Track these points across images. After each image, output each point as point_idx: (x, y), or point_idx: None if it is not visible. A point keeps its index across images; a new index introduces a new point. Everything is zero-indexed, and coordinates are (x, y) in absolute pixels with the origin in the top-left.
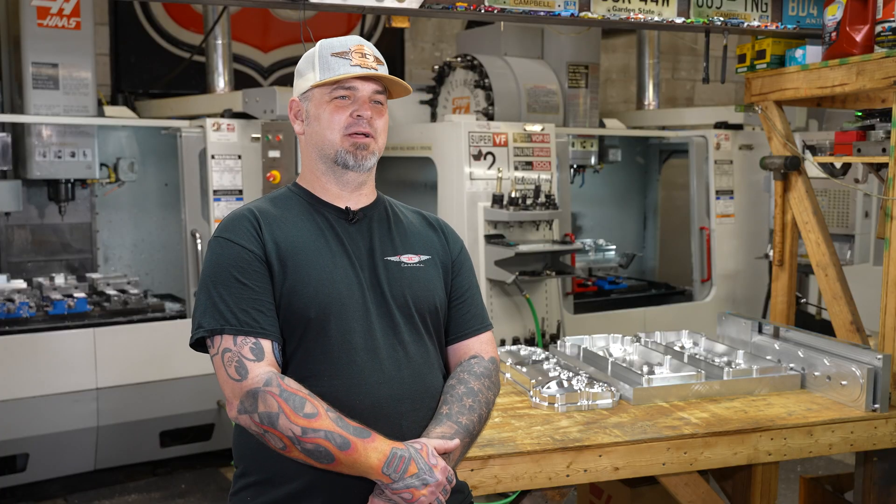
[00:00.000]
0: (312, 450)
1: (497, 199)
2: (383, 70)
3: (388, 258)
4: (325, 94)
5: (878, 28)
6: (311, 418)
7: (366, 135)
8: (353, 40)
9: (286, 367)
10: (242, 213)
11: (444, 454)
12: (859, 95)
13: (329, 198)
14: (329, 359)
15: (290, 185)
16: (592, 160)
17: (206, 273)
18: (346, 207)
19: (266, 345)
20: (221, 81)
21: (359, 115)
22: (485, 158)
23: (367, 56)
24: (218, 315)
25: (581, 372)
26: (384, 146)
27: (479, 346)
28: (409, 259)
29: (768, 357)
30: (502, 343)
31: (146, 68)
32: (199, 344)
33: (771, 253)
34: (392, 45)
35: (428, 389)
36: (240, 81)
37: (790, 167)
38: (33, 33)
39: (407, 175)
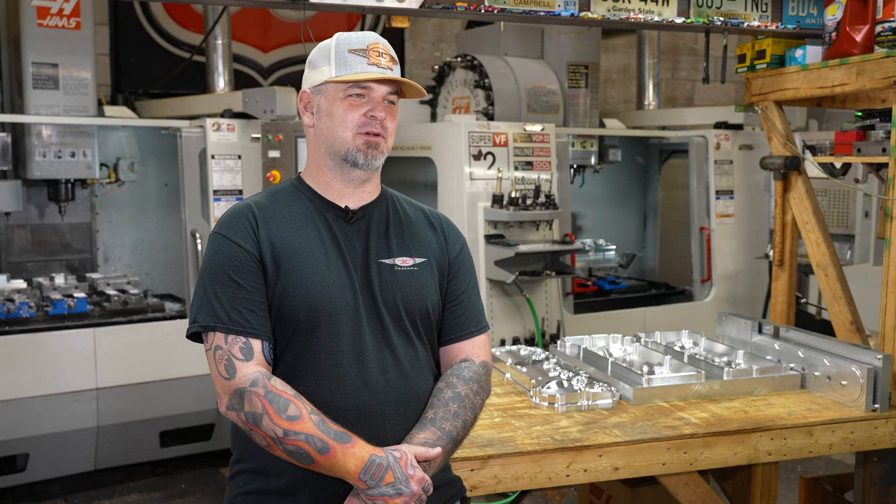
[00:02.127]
0: (293, 451)
1: (497, 199)
2: (397, 70)
3: (382, 260)
4: (340, 90)
5: (878, 28)
6: (293, 421)
7: (378, 135)
8: (370, 37)
9: (276, 366)
10: (242, 210)
11: (425, 461)
12: (859, 95)
13: (332, 194)
14: (315, 360)
15: (293, 180)
16: (592, 160)
17: (203, 268)
18: (346, 207)
19: (256, 344)
20: (221, 81)
21: (373, 116)
22: (485, 158)
23: (383, 55)
24: (212, 312)
25: (581, 372)
26: (392, 146)
27: (470, 349)
28: (404, 262)
29: (768, 357)
30: (502, 343)
31: (146, 68)
32: (196, 336)
33: (771, 253)
34: (392, 45)
35: (415, 393)
36: (240, 81)
37: (790, 167)
38: (33, 33)
39: (407, 175)
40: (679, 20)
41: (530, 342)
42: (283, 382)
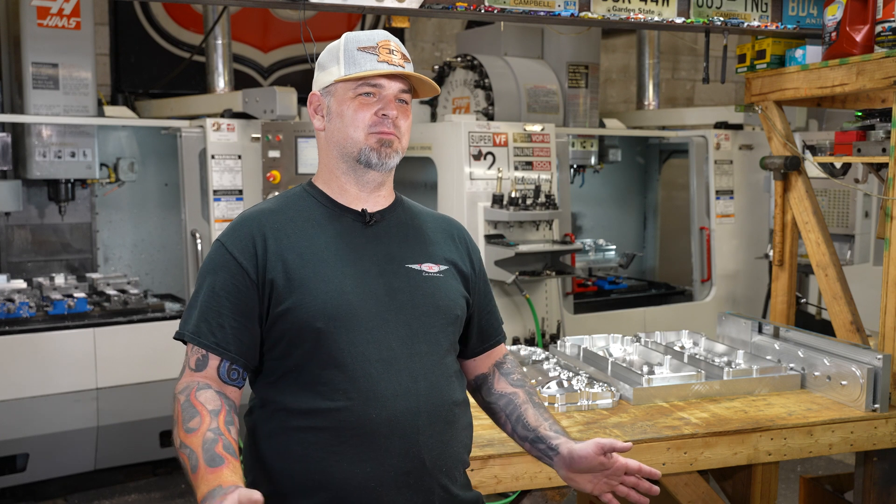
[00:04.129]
0: (182, 464)
1: (497, 199)
2: (410, 68)
3: (409, 266)
4: (350, 89)
5: (878, 28)
6: (189, 433)
7: (391, 134)
8: (380, 35)
9: (298, 379)
10: (250, 221)
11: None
12: (859, 95)
13: (346, 199)
14: (342, 370)
15: (305, 185)
16: (592, 160)
17: (199, 273)
18: (363, 210)
19: (213, 360)
20: (221, 81)
21: (384, 114)
22: (485, 158)
23: (394, 53)
24: (189, 319)
25: (581, 372)
26: (407, 147)
27: (498, 354)
28: (430, 268)
29: (768, 357)
30: None
31: (146, 68)
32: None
33: (771, 253)
34: None
35: (445, 402)
36: (240, 81)
37: (790, 167)
38: (33, 33)
39: (407, 175)
40: (679, 20)
41: (530, 342)
42: (214, 396)
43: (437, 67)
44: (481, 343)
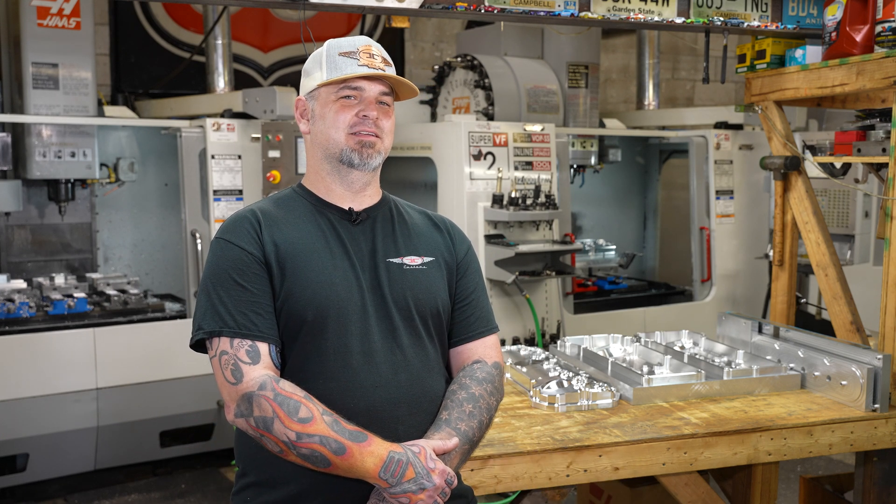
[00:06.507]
0: (308, 455)
1: (497, 199)
2: (391, 71)
3: (391, 260)
4: (332, 93)
5: (878, 28)
6: (306, 423)
7: (372, 134)
8: (362, 40)
9: (283, 369)
10: (244, 215)
11: (444, 454)
12: (859, 95)
13: (333, 199)
14: (324, 361)
15: (295, 187)
16: (592, 160)
17: (206, 275)
18: (350, 208)
19: (262, 347)
20: (221, 81)
21: (364, 115)
22: (485, 158)
23: (375, 56)
24: (217, 317)
25: (581, 372)
26: (390, 147)
27: (482, 350)
28: (412, 261)
29: (768, 357)
30: (502, 343)
31: (146, 68)
32: (199, 345)
33: (771, 253)
34: (392, 45)
35: (426, 394)
36: (240, 81)
37: (790, 167)
38: (33, 33)
39: (407, 175)
40: (679, 20)
41: (530, 342)
42: (293, 384)
43: (437, 67)
44: (457, 335)
